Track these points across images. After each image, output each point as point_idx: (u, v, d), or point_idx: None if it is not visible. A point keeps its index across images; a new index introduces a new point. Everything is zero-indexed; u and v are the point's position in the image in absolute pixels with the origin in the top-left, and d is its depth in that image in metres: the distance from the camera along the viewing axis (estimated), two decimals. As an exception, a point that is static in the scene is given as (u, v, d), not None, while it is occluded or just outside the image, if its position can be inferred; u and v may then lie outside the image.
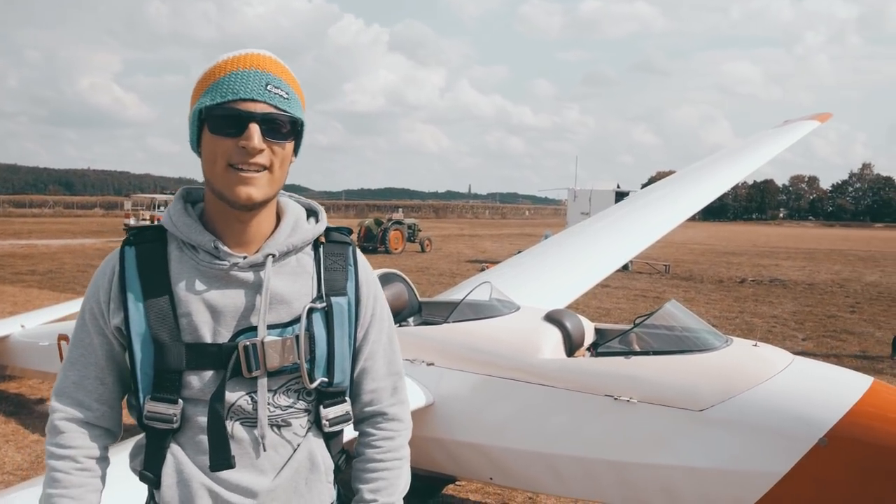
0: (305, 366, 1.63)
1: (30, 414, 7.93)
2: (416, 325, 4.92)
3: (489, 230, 61.75)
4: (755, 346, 3.97)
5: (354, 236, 1.98)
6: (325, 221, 1.78)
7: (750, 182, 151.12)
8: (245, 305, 1.62)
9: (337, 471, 1.76)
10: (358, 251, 1.80)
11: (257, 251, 1.65)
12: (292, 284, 1.67)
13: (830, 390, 3.53)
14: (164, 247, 1.65)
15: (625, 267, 22.25)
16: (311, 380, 1.65)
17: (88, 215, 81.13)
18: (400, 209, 41.22)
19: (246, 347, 1.59)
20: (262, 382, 1.61)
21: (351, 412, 1.75)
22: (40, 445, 6.88)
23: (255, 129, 1.54)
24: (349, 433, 1.82)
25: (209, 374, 1.60)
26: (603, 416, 3.85)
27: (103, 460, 1.72)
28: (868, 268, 29.03)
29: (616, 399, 3.79)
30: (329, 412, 1.70)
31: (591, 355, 4.26)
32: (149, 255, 1.63)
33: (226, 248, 1.62)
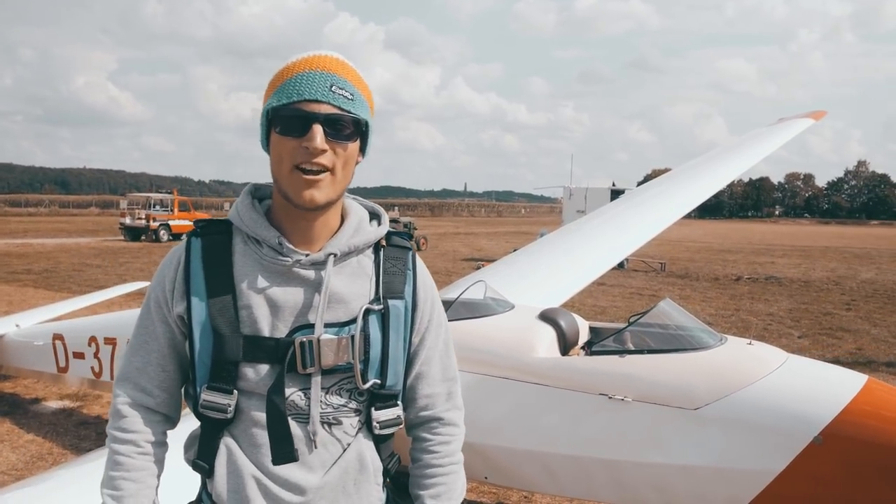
0: (359, 366, 1.65)
1: (24, 414, 7.92)
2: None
3: (485, 228, 61.79)
4: (749, 344, 3.97)
5: None
6: (386, 225, 1.80)
7: (745, 180, 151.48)
8: (304, 302, 1.64)
9: (386, 474, 1.77)
10: (417, 257, 1.82)
11: (320, 250, 1.68)
12: (351, 285, 1.69)
13: (825, 388, 3.53)
14: (230, 240, 1.69)
15: (620, 265, 22.28)
16: (364, 380, 1.66)
17: (84, 214, 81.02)
18: (396, 207, 41.25)
19: (302, 344, 1.61)
20: (316, 379, 1.63)
21: (402, 416, 1.76)
22: (35, 445, 6.88)
23: (317, 129, 1.57)
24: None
25: (265, 367, 1.63)
26: (597, 414, 3.85)
27: (162, 445, 1.76)
28: (864, 265, 29.11)
29: (610, 398, 3.79)
30: (380, 415, 1.71)
31: (586, 354, 4.26)
32: (214, 247, 1.67)
33: (289, 245, 1.65)
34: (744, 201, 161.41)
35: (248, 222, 1.67)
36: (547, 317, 4.36)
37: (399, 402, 1.75)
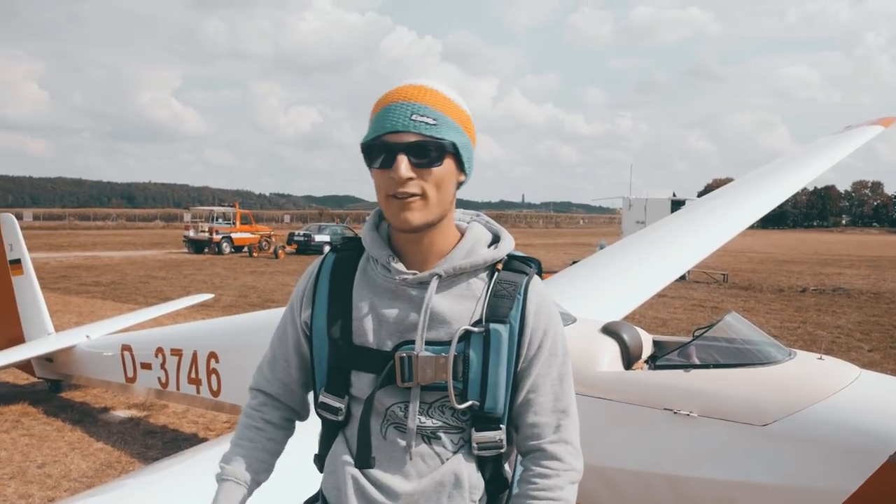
0: (454, 386, 1.68)
1: (94, 422, 8.12)
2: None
3: (543, 240, 61.54)
4: (820, 359, 3.86)
5: None
6: (506, 249, 1.80)
7: (810, 188, 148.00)
8: (408, 320, 1.71)
9: (492, 497, 1.78)
10: (535, 282, 1.79)
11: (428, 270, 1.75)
12: (456, 306, 1.71)
13: (900, 405, 3.42)
14: (358, 256, 1.82)
15: (682, 276, 21.95)
16: (461, 401, 1.69)
17: (149, 227, 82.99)
18: (454, 219, 41.14)
19: (402, 358, 1.68)
20: (415, 393, 1.70)
21: (504, 441, 1.75)
22: (105, 454, 7.05)
23: (402, 159, 1.62)
24: None
25: (369, 377, 1.73)
26: (661, 430, 3.79)
27: (279, 428, 1.93)
28: (936, 276, 28.16)
29: (675, 413, 3.72)
30: (479, 436, 1.73)
31: (650, 368, 4.20)
32: (343, 263, 1.83)
33: (397, 265, 1.73)
34: (808, 211, 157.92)
35: (367, 242, 1.79)
36: (610, 330, 4.32)
37: (502, 427, 1.74)
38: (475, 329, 1.69)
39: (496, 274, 1.76)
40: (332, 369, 1.77)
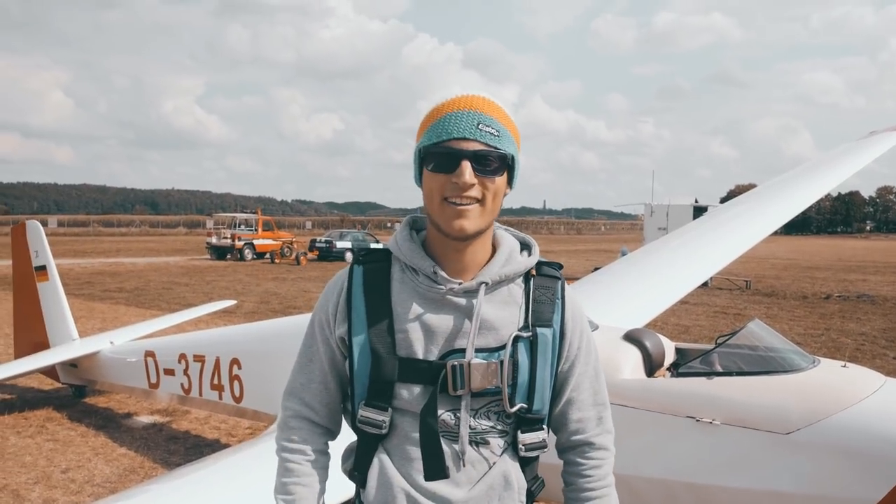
0: (507, 390, 1.72)
1: (118, 428, 8.19)
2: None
3: (565, 246, 61.37)
4: (844, 366, 3.83)
5: None
6: (537, 255, 1.88)
7: (834, 194, 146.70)
8: (456, 328, 1.73)
9: (529, 496, 1.84)
10: (567, 286, 1.89)
11: (472, 279, 1.76)
12: (501, 312, 1.76)
13: (926, 413, 3.38)
14: (388, 268, 1.81)
15: (704, 283, 21.79)
16: (512, 404, 1.74)
17: (172, 234, 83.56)
18: (475, 226, 41.18)
19: (454, 367, 1.70)
20: (466, 401, 1.72)
21: (546, 440, 1.82)
22: (128, 459, 7.10)
23: (466, 165, 1.67)
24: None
25: (418, 388, 1.72)
26: (685, 437, 3.77)
27: (325, 454, 1.91)
28: (963, 283, 27.79)
29: (698, 420, 3.70)
30: (526, 437, 1.78)
31: (672, 375, 4.18)
32: (374, 275, 1.80)
33: (444, 274, 1.75)
34: (832, 216, 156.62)
35: (406, 252, 1.78)
36: (632, 337, 4.30)
37: (545, 427, 1.83)
38: (524, 334, 1.75)
39: (531, 280, 1.83)
40: (374, 383, 1.74)
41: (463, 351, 1.71)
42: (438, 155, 1.69)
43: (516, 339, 1.74)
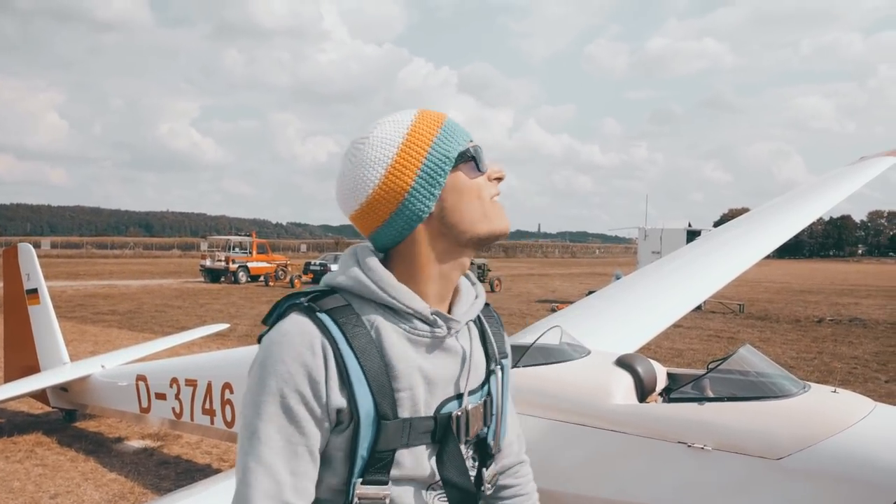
0: (495, 429, 1.68)
1: (108, 452, 8.14)
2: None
3: (559, 269, 61.47)
4: (834, 392, 3.84)
5: None
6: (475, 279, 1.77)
7: (826, 218, 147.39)
8: (452, 373, 1.57)
9: None
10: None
11: (449, 311, 1.62)
12: (476, 346, 1.66)
13: (916, 439, 3.39)
14: (354, 311, 1.49)
15: (698, 307, 21.73)
16: (498, 443, 1.68)
17: (166, 256, 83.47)
18: (469, 249, 41.29)
19: (458, 417, 1.56)
20: (467, 448, 1.62)
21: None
22: (117, 484, 7.05)
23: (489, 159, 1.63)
24: None
25: (421, 448, 1.52)
26: (676, 463, 3.77)
27: None
28: (955, 306, 27.89)
29: (689, 446, 3.71)
30: (489, 473, 1.68)
31: (664, 401, 4.19)
32: (350, 323, 1.46)
33: (448, 315, 1.57)
34: (825, 240, 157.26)
35: (392, 291, 1.50)
36: (624, 363, 4.31)
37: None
38: (496, 368, 1.67)
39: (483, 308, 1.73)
40: (374, 455, 1.46)
41: (459, 397, 1.57)
42: (472, 156, 1.57)
43: (490, 374, 1.66)
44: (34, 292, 9.31)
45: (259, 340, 1.51)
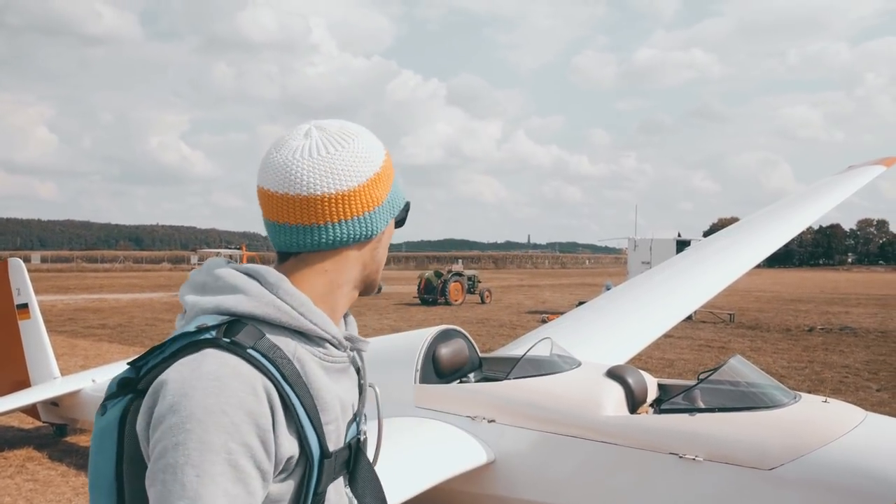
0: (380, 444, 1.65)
1: (99, 468, 8.08)
2: (476, 382, 4.92)
3: (549, 280, 61.49)
4: (825, 401, 3.87)
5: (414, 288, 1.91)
6: None
7: (815, 227, 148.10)
8: (354, 397, 1.51)
9: None
10: None
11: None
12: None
13: (906, 448, 3.41)
14: (272, 342, 1.33)
15: (688, 316, 21.75)
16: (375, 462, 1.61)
17: (157, 270, 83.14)
18: (460, 260, 41.40)
19: (361, 441, 1.50)
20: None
21: None
22: (109, 500, 7.00)
23: None
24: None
25: (340, 482, 1.43)
26: (668, 474, 3.78)
27: None
28: (944, 314, 28.03)
29: (681, 457, 3.72)
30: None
31: (655, 412, 4.21)
32: (279, 357, 1.31)
33: (357, 336, 1.51)
34: (814, 249, 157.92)
35: (315, 318, 1.39)
36: (614, 374, 4.33)
37: None
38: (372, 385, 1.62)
39: None
40: (315, 496, 1.34)
41: (353, 419, 1.49)
42: (405, 214, 1.57)
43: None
44: (24, 307, 9.28)
45: (147, 390, 1.27)
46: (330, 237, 1.41)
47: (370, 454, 1.57)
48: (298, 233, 1.41)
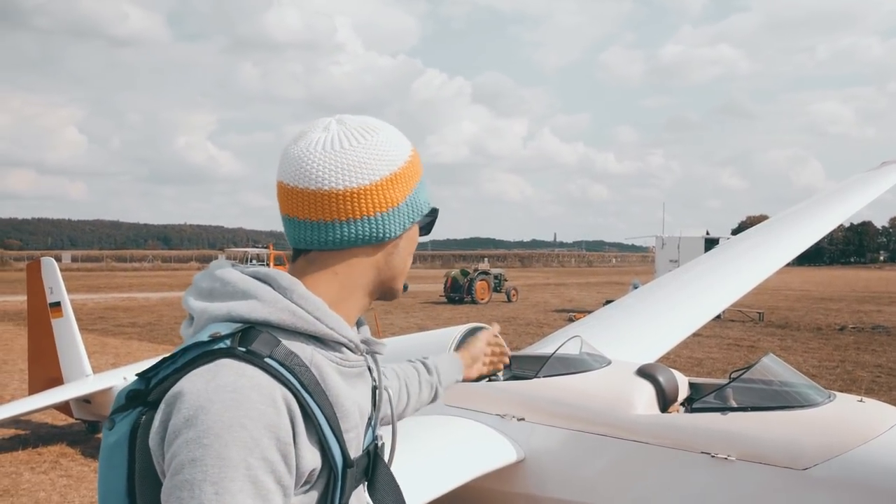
0: (395, 446, 1.61)
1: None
2: (505, 380, 4.91)
3: (576, 279, 61.25)
4: (860, 401, 3.81)
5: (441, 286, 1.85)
6: None
7: (847, 225, 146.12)
8: (369, 401, 1.47)
9: None
10: None
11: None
12: None
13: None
14: (289, 349, 1.28)
15: (717, 315, 21.49)
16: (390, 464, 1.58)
17: (185, 269, 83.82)
18: (486, 259, 41.35)
19: (381, 446, 1.48)
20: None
21: None
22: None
23: None
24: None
25: (360, 488, 1.40)
26: (699, 474, 3.74)
27: None
28: (979, 313, 27.56)
29: (713, 456, 3.68)
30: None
31: (686, 411, 4.17)
32: (297, 364, 1.26)
33: (373, 338, 1.48)
34: (845, 247, 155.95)
35: (331, 322, 1.34)
36: (645, 372, 4.29)
37: None
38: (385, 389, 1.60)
39: None
40: None
41: (368, 423, 1.45)
42: (433, 219, 1.51)
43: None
44: (57, 305, 9.40)
45: (157, 402, 1.22)
46: (336, 236, 1.36)
47: (386, 458, 1.53)
48: (307, 228, 1.37)
